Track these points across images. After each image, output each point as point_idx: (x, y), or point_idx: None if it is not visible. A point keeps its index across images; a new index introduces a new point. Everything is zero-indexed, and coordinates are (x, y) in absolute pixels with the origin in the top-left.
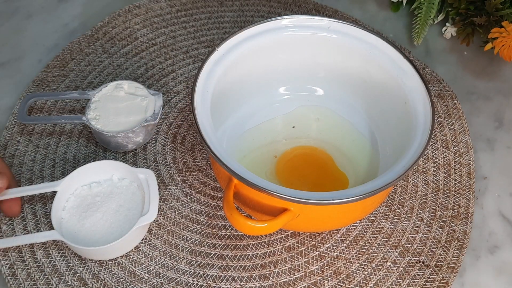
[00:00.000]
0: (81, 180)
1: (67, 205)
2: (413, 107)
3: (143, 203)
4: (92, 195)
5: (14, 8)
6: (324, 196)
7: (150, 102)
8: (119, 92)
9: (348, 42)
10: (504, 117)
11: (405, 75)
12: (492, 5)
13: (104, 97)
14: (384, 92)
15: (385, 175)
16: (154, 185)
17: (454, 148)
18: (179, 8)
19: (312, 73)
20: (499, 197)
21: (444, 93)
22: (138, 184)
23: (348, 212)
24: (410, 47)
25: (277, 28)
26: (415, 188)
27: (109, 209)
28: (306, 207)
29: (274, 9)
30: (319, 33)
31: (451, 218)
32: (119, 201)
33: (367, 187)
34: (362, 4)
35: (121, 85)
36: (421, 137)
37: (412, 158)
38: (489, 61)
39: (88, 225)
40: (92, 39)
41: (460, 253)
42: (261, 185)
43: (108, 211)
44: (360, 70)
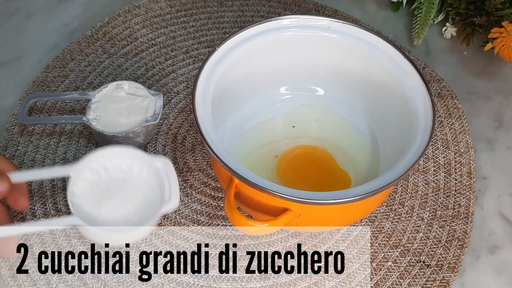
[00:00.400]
0: (94, 164)
1: (79, 190)
2: (414, 107)
3: (159, 191)
4: (105, 181)
5: (14, 8)
6: (325, 196)
7: (151, 103)
8: (120, 92)
9: (349, 42)
10: (504, 117)
11: (405, 75)
12: (492, 5)
13: (104, 98)
14: (384, 92)
15: (386, 174)
16: (173, 173)
17: (455, 147)
18: (179, 8)
19: (312, 73)
20: (499, 197)
21: (444, 93)
22: (152, 172)
23: (349, 211)
24: (410, 47)
25: (277, 28)
26: (415, 187)
27: (125, 195)
28: (307, 207)
29: (274, 9)
30: (320, 33)
31: (452, 217)
32: (135, 188)
33: (368, 186)
34: (362, 4)
35: (121, 85)
36: (421, 137)
37: (413, 158)
38: (489, 61)
39: (106, 211)
40: (92, 39)
41: (461, 252)
42: (262, 185)
43: (125, 198)
44: (360, 70)
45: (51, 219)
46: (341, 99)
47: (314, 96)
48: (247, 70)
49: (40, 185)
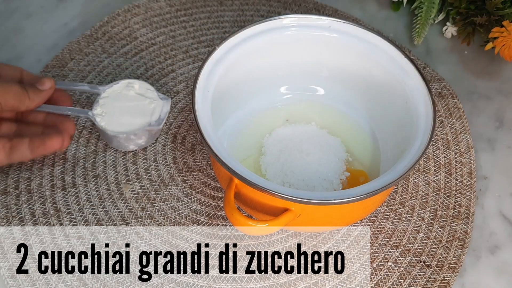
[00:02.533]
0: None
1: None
2: (414, 107)
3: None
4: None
5: (14, 8)
6: (325, 196)
7: (158, 106)
8: (129, 91)
9: (349, 41)
10: (505, 117)
11: (406, 75)
12: (492, 4)
13: (113, 94)
14: (385, 92)
15: (387, 175)
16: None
17: (455, 147)
18: (178, 8)
19: (313, 73)
20: (500, 197)
21: (445, 93)
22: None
23: (349, 212)
24: (410, 47)
25: (278, 28)
26: (416, 187)
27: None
28: (307, 207)
29: (274, 8)
30: (320, 33)
31: (452, 217)
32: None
33: (368, 186)
34: (363, 3)
35: (132, 84)
36: (422, 137)
37: (413, 158)
38: (489, 60)
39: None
40: (92, 38)
41: (461, 253)
42: (262, 185)
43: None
44: (361, 69)
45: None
46: (341, 99)
47: (314, 95)
48: (247, 70)
49: (40, 185)
